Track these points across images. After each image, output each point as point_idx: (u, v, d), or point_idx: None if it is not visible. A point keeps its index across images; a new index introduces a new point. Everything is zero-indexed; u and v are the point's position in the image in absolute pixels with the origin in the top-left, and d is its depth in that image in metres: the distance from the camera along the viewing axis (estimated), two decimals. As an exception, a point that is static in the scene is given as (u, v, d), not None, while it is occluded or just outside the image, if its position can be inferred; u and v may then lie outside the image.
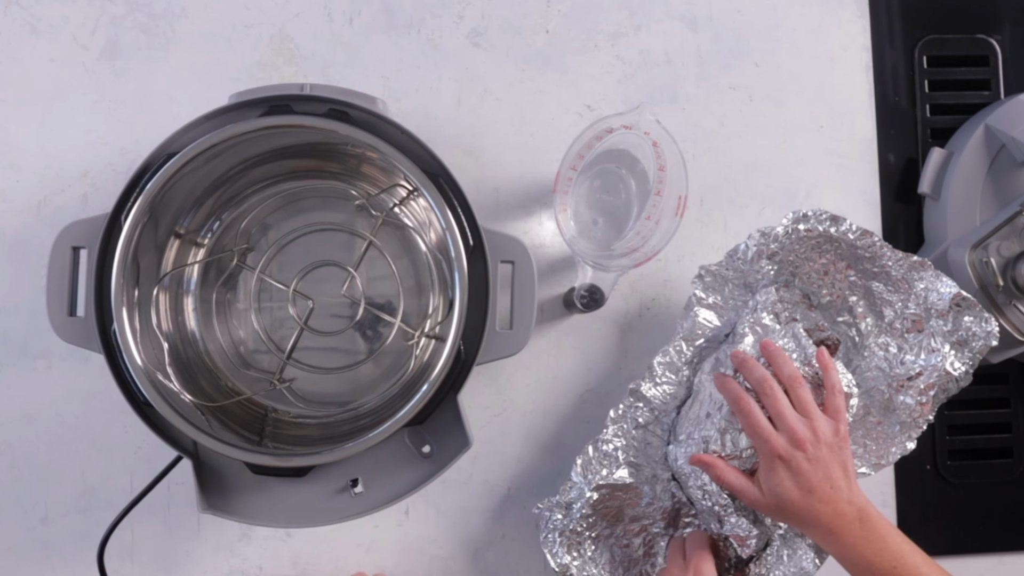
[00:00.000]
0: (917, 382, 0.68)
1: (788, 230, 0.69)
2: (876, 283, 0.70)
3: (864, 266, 0.69)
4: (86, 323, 0.63)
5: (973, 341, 0.68)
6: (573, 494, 0.70)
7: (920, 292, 0.68)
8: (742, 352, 0.66)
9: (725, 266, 0.71)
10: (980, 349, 0.68)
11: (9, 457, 0.73)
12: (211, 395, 0.69)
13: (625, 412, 0.71)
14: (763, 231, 0.69)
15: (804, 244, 0.69)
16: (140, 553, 0.73)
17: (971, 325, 0.68)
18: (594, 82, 0.78)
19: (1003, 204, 0.75)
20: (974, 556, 0.79)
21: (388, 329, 0.72)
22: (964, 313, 0.68)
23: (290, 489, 0.64)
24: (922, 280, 0.69)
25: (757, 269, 0.70)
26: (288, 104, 0.64)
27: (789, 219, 0.69)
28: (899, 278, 0.69)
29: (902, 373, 0.68)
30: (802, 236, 0.69)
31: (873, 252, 0.69)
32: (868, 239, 0.68)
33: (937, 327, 0.68)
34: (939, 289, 0.68)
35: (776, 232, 0.69)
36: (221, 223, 0.72)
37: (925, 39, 0.81)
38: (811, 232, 0.69)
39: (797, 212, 0.69)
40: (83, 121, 0.75)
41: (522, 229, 0.76)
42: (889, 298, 0.69)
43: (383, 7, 0.77)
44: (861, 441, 0.69)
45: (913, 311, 0.69)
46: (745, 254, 0.70)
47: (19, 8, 0.75)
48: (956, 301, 0.68)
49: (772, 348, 0.65)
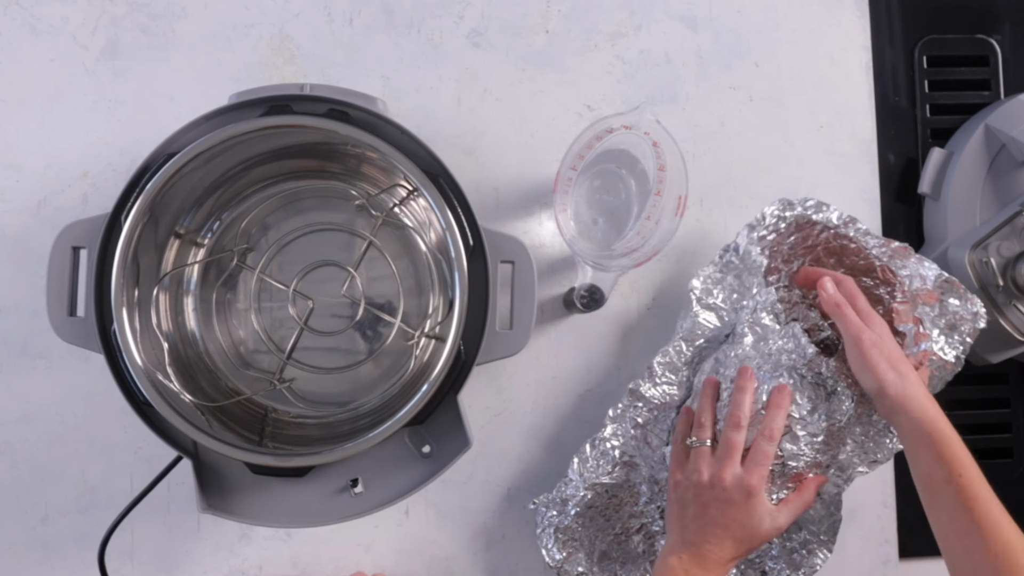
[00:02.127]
0: None
1: (775, 216, 0.70)
2: (865, 278, 0.70)
3: (851, 259, 0.69)
4: (86, 323, 0.63)
5: (961, 325, 0.67)
6: (569, 491, 0.70)
7: (904, 279, 0.68)
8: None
9: (719, 267, 0.71)
10: (970, 332, 0.67)
11: (9, 457, 0.73)
12: (211, 395, 0.69)
13: (624, 411, 0.71)
14: (750, 224, 0.70)
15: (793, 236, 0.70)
16: (140, 553, 0.73)
17: (958, 308, 0.67)
18: (594, 82, 0.78)
19: (1003, 204, 0.75)
20: (974, 556, 0.79)
21: (388, 329, 0.72)
22: (950, 295, 0.68)
23: (290, 489, 0.64)
24: (906, 267, 0.68)
25: (750, 264, 0.70)
26: (288, 104, 0.64)
27: (775, 206, 0.70)
28: (883, 267, 0.69)
29: None
30: (789, 224, 0.69)
31: (857, 240, 0.69)
32: (853, 226, 0.69)
33: (924, 313, 0.68)
34: (923, 274, 0.68)
35: (764, 219, 0.70)
36: (221, 223, 0.72)
37: (925, 39, 0.81)
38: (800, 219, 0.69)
39: (783, 200, 0.69)
40: (83, 121, 0.75)
41: (522, 229, 0.76)
42: (877, 292, 0.69)
43: (383, 7, 0.77)
44: (859, 438, 0.69)
45: (900, 299, 0.68)
46: (736, 249, 0.70)
47: (19, 8, 0.75)
48: (940, 285, 0.67)
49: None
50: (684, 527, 0.63)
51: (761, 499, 0.62)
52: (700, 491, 0.63)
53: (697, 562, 0.61)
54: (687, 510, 0.63)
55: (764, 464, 0.62)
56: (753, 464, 0.62)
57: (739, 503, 0.61)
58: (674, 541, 0.63)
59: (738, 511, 0.61)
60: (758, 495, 0.62)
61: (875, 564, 0.76)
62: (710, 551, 0.61)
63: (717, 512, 0.62)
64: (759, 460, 0.62)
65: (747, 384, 0.65)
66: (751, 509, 0.61)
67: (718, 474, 0.62)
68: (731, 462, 0.62)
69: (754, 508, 0.62)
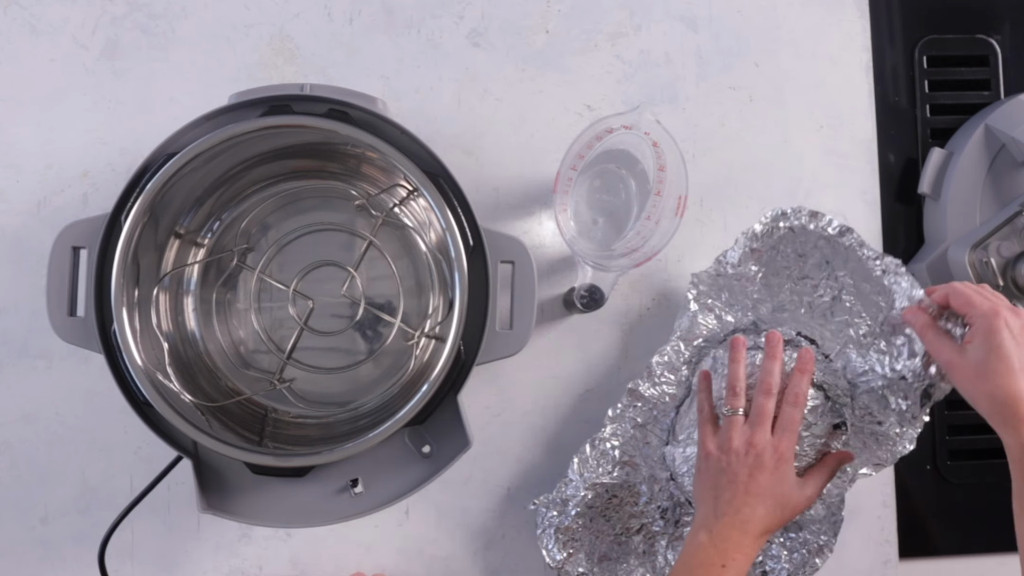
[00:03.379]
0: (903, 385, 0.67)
1: (769, 228, 0.69)
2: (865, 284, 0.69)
3: (851, 265, 0.69)
4: (86, 323, 0.63)
5: None
6: (569, 491, 0.70)
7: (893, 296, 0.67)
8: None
9: (715, 272, 0.71)
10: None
11: (9, 457, 0.73)
12: (211, 395, 0.69)
13: (623, 411, 0.71)
14: (746, 232, 0.70)
15: (789, 246, 0.69)
16: (140, 553, 0.73)
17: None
18: (594, 82, 0.78)
19: (1003, 204, 0.75)
20: (974, 556, 0.79)
21: (388, 329, 0.72)
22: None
23: (290, 489, 0.64)
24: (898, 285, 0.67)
25: (744, 273, 0.70)
26: (288, 104, 0.64)
27: (768, 217, 0.69)
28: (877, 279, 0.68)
29: (892, 375, 0.68)
30: (783, 235, 0.69)
31: (851, 251, 0.68)
32: (849, 237, 0.68)
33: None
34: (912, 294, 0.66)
35: (755, 231, 0.69)
36: (221, 223, 0.72)
37: (925, 39, 0.81)
38: (793, 229, 0.68)
39: (776, 210, 0.69)
40: (83, 121, 0.75)
41: (522, 229, 0.76)
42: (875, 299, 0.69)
43: (383, 7, 0.77)
44: (862, 440, 0.69)
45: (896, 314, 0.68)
46: (732, 259, 0.70)
47: (19, 8, 0.75)
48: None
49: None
50: (716, 497, 0.62)
51: (791, 466, 0.62)
52: (733, 459, 0.62)
53: (727, 535, 0.60)
54: (720, 479, 0.62)
55: (792, 430, 0.62)
56: (781, 431, 0.62)
57: (770, 468, 0.61)
58: (704, 514, 0.62)
59: (770, 477, 0.61)
60: (788, 461, 0.62)
61: (875, 564, 0.76)
62: (742, 522, 0.60)
63: (748, 479, 0.61)
64: (787, 426, 0.62)
65: (776, 351, 0.65)
66: (781, 475, 0.61)
67: (751, 440, 0.62)
68: (763, 428, 0.62)
69: (784, 474, 0.61)
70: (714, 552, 0.60)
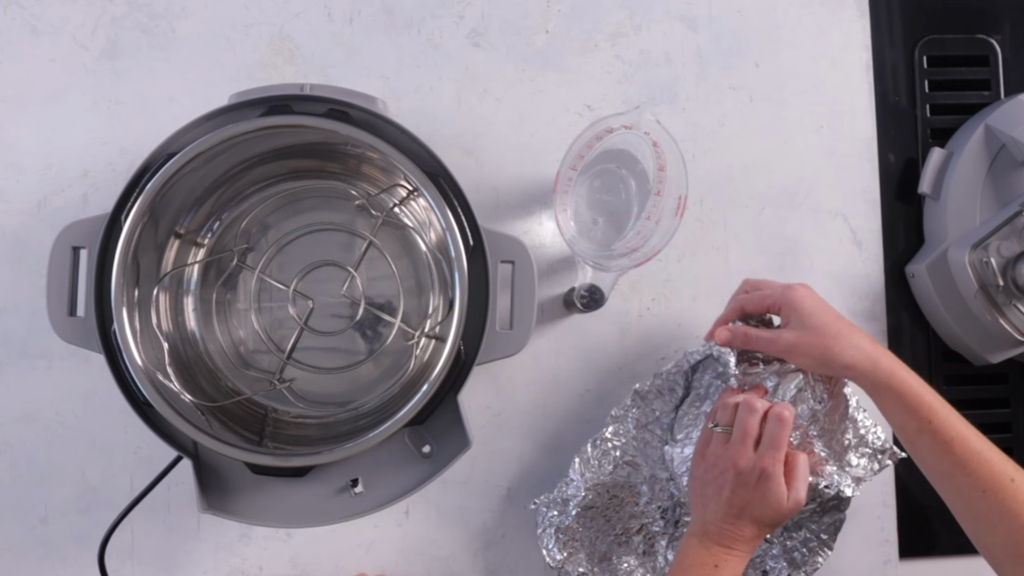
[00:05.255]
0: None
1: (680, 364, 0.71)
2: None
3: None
4: (86, 323, 0.63)
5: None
6: (570, 491, 0.70)
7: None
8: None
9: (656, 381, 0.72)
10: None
11: (9, 457, 0.73)
12: (211, 395, 0.69)
13: (626, 412, 0.71)
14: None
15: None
16: (140, 553, 0.73)
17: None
18: (594, 82, 0.78)
19: (1003, 204, 0.75)
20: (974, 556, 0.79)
21: (388, 329, 0.72)
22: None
23: (290, 489, 0.64)
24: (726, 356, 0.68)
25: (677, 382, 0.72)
26: (288, 104, 0.64)
27: (681, 355, 0.70)
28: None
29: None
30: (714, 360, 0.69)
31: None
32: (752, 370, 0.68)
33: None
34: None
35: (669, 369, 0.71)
36: (221, 223, 0.72)
37: (925, 39, 0.81)
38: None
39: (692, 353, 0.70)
40: (83, 121, 0.75)
41: (522, 229, 0.76)
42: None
43: (383, 7, 0.77)
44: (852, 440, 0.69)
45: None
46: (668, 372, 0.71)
47: (19, 8, 0.75)
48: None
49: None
50: (705, 507, 0.63)
51: (777, 482, 0.62)
52: (718, 474, 0.63)
53: (717, 540, 0.62)
54: (707, 489, 0.64)
55: (776, 447, 0.62)
56: (765, 448, 0.62)
57: (753, 486, 0.62)
58: (696, 520, 0.64)
59: (753, 494, 0.62)
60: (772, 478, 0.62)
61: (875, 564, 0.76)
62: (730, 531, 0.62)
63: (733, 495, 0.62)
64: (770, 444, 0.62)
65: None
66: (765, 492, 0.62)
67: (733, 458, 0.62)
68: (745, 447, 0.63)
69: (769, 491, 0.61)
70: (706, 553, 0.62)
